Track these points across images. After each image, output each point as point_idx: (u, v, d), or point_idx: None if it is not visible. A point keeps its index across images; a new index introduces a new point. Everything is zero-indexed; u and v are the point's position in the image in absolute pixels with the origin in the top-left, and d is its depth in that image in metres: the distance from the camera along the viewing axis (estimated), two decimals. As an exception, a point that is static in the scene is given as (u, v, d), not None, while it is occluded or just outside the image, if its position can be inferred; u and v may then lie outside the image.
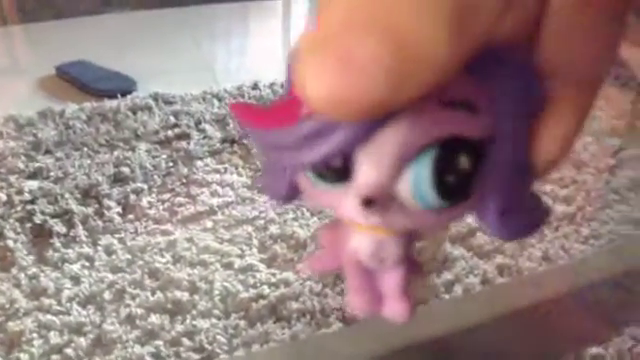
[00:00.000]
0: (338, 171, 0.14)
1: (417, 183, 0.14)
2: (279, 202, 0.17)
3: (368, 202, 0.14)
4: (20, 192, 0.78)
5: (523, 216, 0.15)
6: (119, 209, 0.77)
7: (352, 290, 0.17)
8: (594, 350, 0.61)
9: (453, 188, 0.14)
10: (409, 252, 0.17)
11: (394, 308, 0.17)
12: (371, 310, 0.17)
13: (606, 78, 0.15)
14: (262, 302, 0.65)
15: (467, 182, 0.14)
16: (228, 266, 0.69)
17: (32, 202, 0.77)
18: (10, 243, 0.70)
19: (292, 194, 0.17)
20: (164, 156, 0.87)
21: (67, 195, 0.78)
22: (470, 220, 0.79)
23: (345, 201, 0.14)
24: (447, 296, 0.65)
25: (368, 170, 0.14)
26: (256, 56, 1.29)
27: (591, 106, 0.15)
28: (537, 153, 0.15)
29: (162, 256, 0.70)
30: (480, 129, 0.14)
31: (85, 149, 0.87)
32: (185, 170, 0.84)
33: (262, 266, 0.69)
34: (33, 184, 0.79)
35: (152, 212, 0.77)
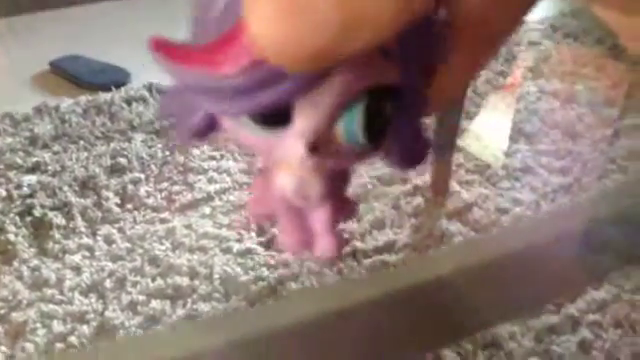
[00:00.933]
0: (275, 117, 0.15)
1: (349, 127, 0.15)
2: (189, 139, 0.17)
3: (314, 148, 0.14)
4: (19, 187, 0.79)
5: (416, 149, 0.17)
6: (117, 199, 0.77)
7: (283, 230, 0.18)
8: (591, 317, 0.62)
9: (378, 131, 0.15)
10: (337, 190, 0.18)
11: (322, 244, 0.18)
12: (302, 248, 0.18)
13: (506, 41, 0.16)
14: (261, 284, 0.65)
15: (387, 125, 0.15)
16: (227, 251, 0.70)
17: (31, 196, 0.77)
18: (11, 237, 0.71)
19: (204, 132, 0.17)
20: (160, 145, 0.87)
21: (65, 188, 0.78)
22: (466, 195, 0.79)
23: (284, 145, 0.15)
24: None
25: (307, 117, 0.14)
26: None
27: (487, 61, 0.16)
28: (434, 94, 0.16)
29: (161, 243, 0.71)
30: (396, 75, 0.15)
31: (82, 142, 0.87)
32: (182, 158, 0.85)
33: (260, 249, 0.70)
34: (32, 178, 0.80)
35: (150, 201, 0.77)
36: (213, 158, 0.85)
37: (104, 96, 0.97)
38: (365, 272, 0.67)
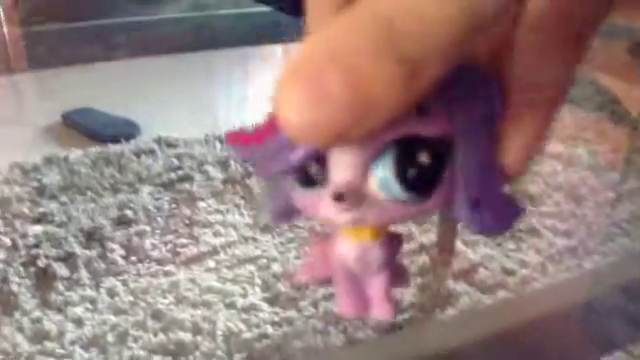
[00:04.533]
0: (315, 176, 0.16)
1: (382, 178, 0.15)
2: (277, 220, 0.19)
3: (339, 197, 0.15)
4: (24, 236, 0.79)
5: (496, 211, 0.17)
6: (122, 251, 0.77)
7: (341, 295, 0.19)
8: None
9: (416, 181, 0.15)
10: (393, 258, 0.18)
11: (380, 309, 0.18)
12: (359, 313, 0.19)
13: (566, 96, 0.17)
14: (265, 342, 0.64)
15: (431, 176, 0.15)
16: (231, 306, 0.69)
17: (36, 246, 0.77)
18: (14, 287, 0.70)
19: (288, 212, 0.18)
20: (167, 198, 0.88)
21: (71, 238, 0.79)
22: (472, 256, 0.79)
23: (322, 202, 0.16)
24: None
25: (338, 171, 0.15)
26: (256, 99, 1.31)
27: (553, 119, 0.17)
28: (503, 157, 0.16)
29: (165, 297, 0.70)
30: (435, 128, 0.15)
31: (89, 193, 0.88)
32: (188, 211, 0.85)
33: (265, 305, 0.69)
34: (37, 228, 0.80)
35: (155, 254, 0.77)
36: (219, 211, 0.86)
37: (114, 148, 0.99)
38: (371, 332, 0.66)
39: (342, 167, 0.15)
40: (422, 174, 0.15)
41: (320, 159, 0.15)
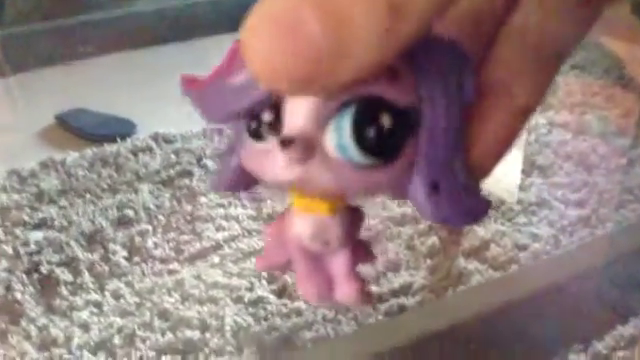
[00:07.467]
0: (268, 124, 0.15)
1: (338, 134, 0.14)
2: (222, 187, 0.17)
3: (288, 142, 0.14)
4: (26, 244, 0.77)
5: (455, 202, 0.15)
6: (125, 252, 0.76)
7: (301, 278, 0.17)
8: (620, 354, 0.59)
9: (374, 144, 0.14)
10: (354, 234, 0.17)
11: (344, 291, 0.17)
12: (322, 296, 0.17)
13: (551, 84, 0.16)
14: (275, 334, 0.63)
15: (391, 142, 0.14)
16: (238, 300, 0.68)
17: (38, 253, 0.76)
18: (18, 295, 0.69)
19: (238, 180, 0.17)
20: (167, 195, 0.86)
21: (72, 243, 0.77)
22: (482, 233, 0.77)
23: (270, 155, 0.14)
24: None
25: (292, 117, 0.14)
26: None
27: (532, 109, 0.16)
28: (471, 148, 0.15)
29: (170, 296, 0.69)
30: (403, 95, 0.14)
31: (88, 195, 0.87)
32: (189, 207, 0.84)
33: (272, 297, 0.67)
34: (38, 235, 0.79)
35: (158, 252, 0.76)
36: (221, 205, 0.84)
37: (110, 148, 0.97)
38: (382, 317, 0.64)
39: (297, 114, 0.14)
40: (382, 138, 0.14)
41: (276, 108, 0.14)
